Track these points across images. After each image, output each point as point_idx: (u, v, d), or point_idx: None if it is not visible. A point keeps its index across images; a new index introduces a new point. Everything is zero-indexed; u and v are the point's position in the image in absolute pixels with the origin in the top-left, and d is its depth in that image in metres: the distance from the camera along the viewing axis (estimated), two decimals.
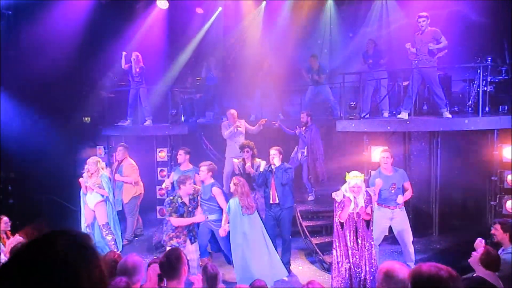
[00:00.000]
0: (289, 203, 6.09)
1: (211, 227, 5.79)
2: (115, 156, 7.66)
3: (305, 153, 7.76)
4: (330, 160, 8.24)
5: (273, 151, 6.03)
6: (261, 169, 6.11)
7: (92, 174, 6.50)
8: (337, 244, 5.15)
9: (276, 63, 10.15)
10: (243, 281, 5.06)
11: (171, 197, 5.49)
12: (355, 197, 4.98)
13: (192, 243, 5.52)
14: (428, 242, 7.20)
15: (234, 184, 5.47)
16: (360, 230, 5.04)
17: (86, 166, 6.57)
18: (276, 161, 5.95)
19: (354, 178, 4.99)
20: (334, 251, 5.20)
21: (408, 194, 5.86)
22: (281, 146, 6.33)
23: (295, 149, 7.90)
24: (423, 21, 6.78)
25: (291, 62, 10.56)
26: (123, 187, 7.43)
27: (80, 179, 6.66)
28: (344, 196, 5.07)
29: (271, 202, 6.03)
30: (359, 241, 5.04)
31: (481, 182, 7.16)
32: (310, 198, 7.97)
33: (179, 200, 5.45)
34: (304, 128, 7.76)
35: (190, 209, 5.51)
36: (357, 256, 5.03)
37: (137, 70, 8.57)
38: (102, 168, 6.68)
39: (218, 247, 6.11)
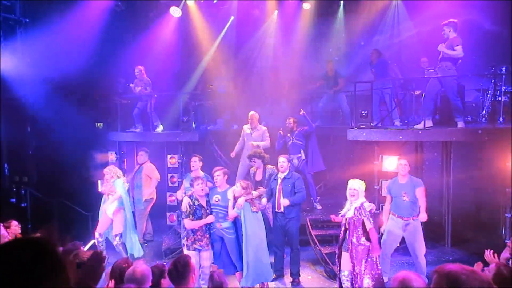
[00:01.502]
0: (294, 213, 6.03)
1: (223, 234, 5.62)
2: (136, 159, 7.82)
3: (302, 157, 7.70)
4: (341, 169, 8.19)
5: (282, 159, 6.06)
6: (263, 202, 5.96)
7: (107, 180, 6.73)
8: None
9: (287, 71, 10.19)
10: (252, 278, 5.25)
11: (190, 199, 5.51)
12: (351, 202, 5.10)
13: (207, 250, 5.53)
14: (440, 253, 7.08)
15: (243, 188, 5.41)
16: (349, 237, 5.05)
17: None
18: (282, 176, 5.97)
19: (351, 181, 5.15)
20: None
21: (422, 205, 5.64)
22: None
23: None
24: (447, 28, 6.70)
25: (302, 70, 10.58)
26: (142, 187, 7.57)
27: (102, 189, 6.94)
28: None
29: (276, 210, 6.00)
30: (350, 250, 5.04)
31: (495, 193, 7.04)
32: (318, 206, 7.91)
33: (196, 203, 5.46)
34: (290, 134, 7.69)
35: (208, 211, 5.51)
36: (342, 264, 5.15)
37: (146, 90, 8.76)
38: (118, 176, 6.80)
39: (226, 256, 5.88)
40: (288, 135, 7.70)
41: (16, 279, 1.09)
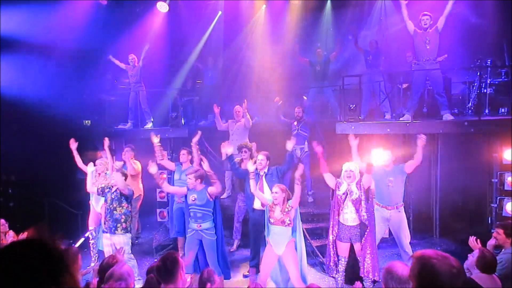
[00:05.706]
0: None
1: (203, 236, 5.29)
2: (121, 156, 7.68)
3: (306, 148, 7.72)
4: (331, 162, 8.22)
5: (261, 156, 5.75)
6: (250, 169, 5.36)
7: (99, 174, 6.53)
8: None
9: (276, 65, 10.20)
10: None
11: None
12: (348, 184, 5.16)
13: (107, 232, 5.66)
14: (428, 244, 7.18)
15: (283, 190, 4.98)
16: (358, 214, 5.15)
17: (95, 167, 6.57)
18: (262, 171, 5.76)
19: (347, 163, 5.22)
20: None
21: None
22: (279, 146, 6.24)
23: None
24: (427, 19, 6.82)
25: (291, 65, 10.58)
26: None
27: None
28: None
29: (254, 207, 5.75)
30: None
31: (481, 184, 7.15)
32: (310, 199, 7.95)
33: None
34: (297, 123, 7.79)
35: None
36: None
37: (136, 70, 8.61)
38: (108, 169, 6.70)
39: (204, 263, 5.42)
40: (295, 123, 7.79)
41: (17, 283, 1.06)
